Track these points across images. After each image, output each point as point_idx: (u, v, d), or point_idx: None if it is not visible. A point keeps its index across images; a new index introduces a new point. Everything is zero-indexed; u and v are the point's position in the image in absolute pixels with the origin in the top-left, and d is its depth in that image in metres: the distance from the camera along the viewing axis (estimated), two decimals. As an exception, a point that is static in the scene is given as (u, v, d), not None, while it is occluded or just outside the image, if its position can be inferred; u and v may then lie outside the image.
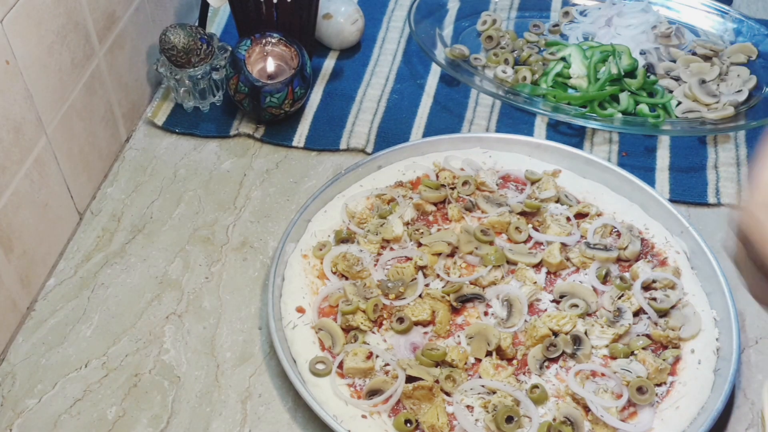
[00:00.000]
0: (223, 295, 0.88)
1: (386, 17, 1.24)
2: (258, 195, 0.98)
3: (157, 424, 0.77)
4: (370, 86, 1.13)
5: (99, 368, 0.81)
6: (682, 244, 0.89)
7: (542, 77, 1.11)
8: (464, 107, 1.10)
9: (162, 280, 0.89)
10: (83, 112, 0.93)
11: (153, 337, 0.84)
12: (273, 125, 1.06)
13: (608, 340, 0.80)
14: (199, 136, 1.05)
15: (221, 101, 1.08)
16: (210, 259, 0.91)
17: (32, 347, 0.83)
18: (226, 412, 0.78)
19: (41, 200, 0.86)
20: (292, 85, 1.01)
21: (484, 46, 1.18)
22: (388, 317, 0.83)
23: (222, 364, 0.82)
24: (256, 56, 1.02)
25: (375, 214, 0.92)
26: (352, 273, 0.86)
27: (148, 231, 0.94)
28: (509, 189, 0.96)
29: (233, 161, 1.02)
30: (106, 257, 0.91)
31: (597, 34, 1.19)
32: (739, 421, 0.78)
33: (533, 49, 1.16)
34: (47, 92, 0.85)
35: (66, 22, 0.87)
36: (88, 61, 0.93)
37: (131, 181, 1.00)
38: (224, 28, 1.22)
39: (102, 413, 0.78)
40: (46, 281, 0.89)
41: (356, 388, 0.78)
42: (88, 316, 0.86)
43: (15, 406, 0.78)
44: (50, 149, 0.87)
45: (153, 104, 1.09)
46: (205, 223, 0.95)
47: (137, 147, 1.04)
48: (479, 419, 0.75)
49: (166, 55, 1.01)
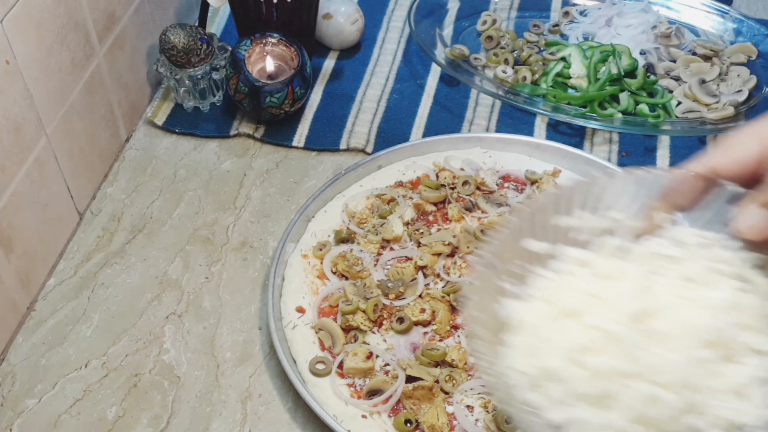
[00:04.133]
0: (223, 295, 0.88)
1: (386, 17, 1.24)
2: (258, 195, 0.98)
3: (157, 424, 0.77)
4: (370, 86, 1.13)
5: (99, 368, 0.81)
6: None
7: (542, 77, 1.11)
8: (464, 107, 1.10)
9: (162, 280, 0.89)
10: (83, 112, 0.93)
11: (153, 337, 0.84)
12: (273, 125, 1.06)
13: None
14: (199, 136, 1.05)
15: (221, 101, 1.08)
16: (210, 259, 0.91)
17: (32, 347, 0.83)
18: (226, 412, 0.78)
19: (41, 200, 0.86)
20: (292, 85, 1.01)
21: (484, 46, 1.18)
22: (388, 317, 0.83)
23: (222, 364, 0.82)
24: (256, 56, 1.02)
25: (375, 214, 0.92)
26: (352, 273, 0.86)
27: (148, 231, 0.94)
28: (509, 189, 0.96)
29: (233, 161, 1.02)
30: (106, 257, 0.91)
31: (597, 34, 1.19)
32: (739, 421, 0.78)
33: (533, 49, 1.16)
34: (47, 92, 0.85)
35: (66, 23, 0.87)
36: (88, 61, 0.93)
37: (131, 181, 1.00)
38: (224, 28, 1.22)
39: (102, 413, 0.78)
40: (46, 281, 0.89)
41: (356, 388, 0.78)
42: (88, 316, 0.86)
43: (15, 406, 0.78)
44: (50, 149, 0.87)
45: (153, 104, 1.09)
46: (205, 223, 0.95)
47: (137, 147, 1.04)
48: (479, 419, 0.75)
49: (166, 55, 1.01)
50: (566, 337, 0.48)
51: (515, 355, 0.49)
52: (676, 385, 0.46)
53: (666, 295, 0.49)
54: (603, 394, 0.46)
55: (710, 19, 1.21)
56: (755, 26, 1.17)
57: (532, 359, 0.48)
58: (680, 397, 0.45)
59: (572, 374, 0.47)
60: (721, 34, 1.19)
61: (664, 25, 1.18)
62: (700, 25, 1.21)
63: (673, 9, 1.22)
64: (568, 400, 0.47)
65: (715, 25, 1.20)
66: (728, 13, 1.20)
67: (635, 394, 0.46)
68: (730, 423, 0.46)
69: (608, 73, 1.08)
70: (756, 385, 0.46)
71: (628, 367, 0.46)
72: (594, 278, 0.51)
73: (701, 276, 0.49)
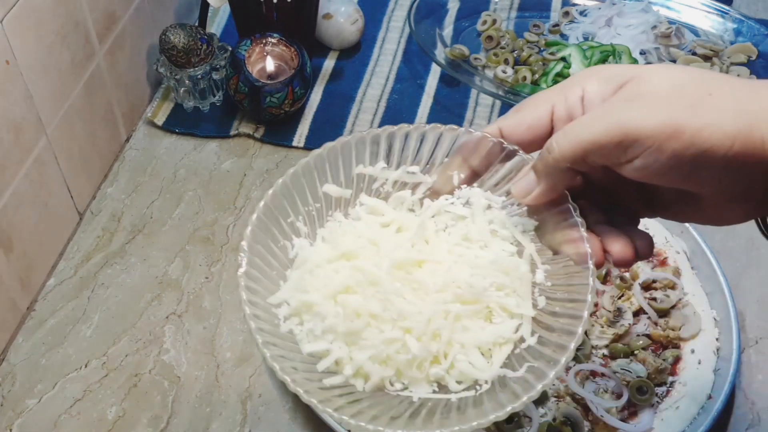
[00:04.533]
0: (223, 295, 0.88)
1: (386, 17, 1.24)
2: (258, 195, 0.98)
3: (157, 424, 0.77)
4: (370, 86, 1.13)
5: (99, 368, 0.81)
6: (682, 244, 0.89)
7: (542, 77, 1.11)
8: (464, 107, 1.10)
9: (162, 280, 0.89)
10: (83, 112, 0.93)
11: (153, 337, 0.84)
12: (273, 125, 1.06)
13: (608, 340, 0.80)
14: (199, 136, 1.05)
15: (221, 101, 1.08)
16: (210, 259, 0.91)
17: (32, 347, 0.83)
18: (226, 412, 0.78)
19: (41, 200, 0.86)
20: (292, 85, 1.01)
21: (484, 46, 1.18)
22: (387, 317, 0.83)
23: (222, 364, 0.82)
24: (256, 56, 1.02)
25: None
26: (352, 273, 0.86)
27: (148, 231, 0.94)
28: (509, 189, 0.96)
29: (233, 161, 1.02)
30: (106, 257, 0.91)
31: (597, 34, 1.19)
32: (739, 421, 0.78)
33: (533, 49, 1.16)
34: (47, 92, 0.85)
35: (66, 22, 0.87)
36: (88, 61, 0.93)
37: (131, 181, 1.00)
38: (224, 28, 1.22)
39: (102, 413, 0.78)
40: (46, 281, 0.89)
41: (356, 388, 0.78)
42: (88, 316, 0.86)
43: (15, 407, 0.78)
44: (50, 149, 0.87)
45: (153, 104, 1.09)
46: (205, 223, 0.95)
47: (137, 147, 1.04)
48: (479, 419, 0.75)
49: (166, 55, 1.01)
50: (333, 276, 0.51)
51: (286, 288, 0.52)
52: (420, 333, 0.48)
53: (438, 251, 0.52)
54: (351, 331, 0.49)
55: (710, 19, 1.21)
56: (755, 26, 1.17)
57: (299, 293, 0.51)
58: (422, 344, 0.48)
59: (329, 311, 0.49)
60: (721, 34, 1.19)
61: (664, 25, 1.18)
62: (700, 25, 1.21)
63: (673, 9, 1.22)
64: (322, 334, 0.50)
65: (715, 25, 1.20)
66: (728, 13, 1.20)
67: (380, 336, 0.49)
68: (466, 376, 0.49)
69: (608, 73, 1.07)
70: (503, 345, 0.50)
71: (378, 310, 0.49)
72: (378, 227, 0.54)
73: (479, 236, 0.52)
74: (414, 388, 0.49)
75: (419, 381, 0.49)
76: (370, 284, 0.50)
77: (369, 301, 0.49)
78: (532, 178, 0.49)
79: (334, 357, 0.49)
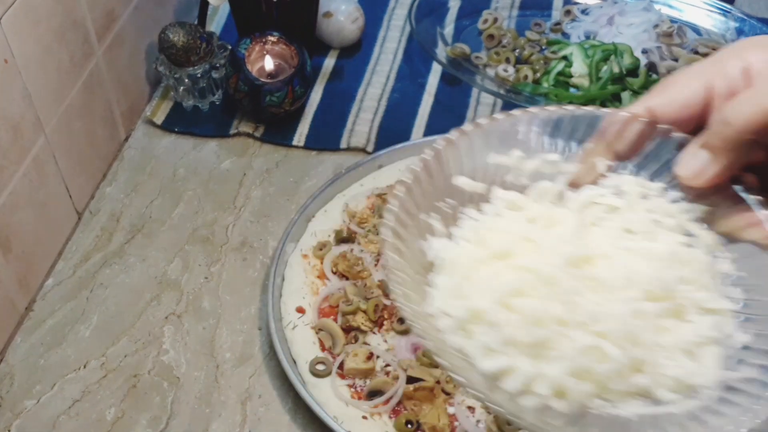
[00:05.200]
0: (222, 295, 0.87)
1: (387, 16, 1.24)
2: (258, 195, 0.98)
3: (157, 425, 0.77)
4: (370, 85, 1.12)
5: (98, 369, 0.81)
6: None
7: (544, 76, 1.10)
8: (465, 106, 1.10)
9: (161, 280, 0.89)
10: (82, 112, 0.93)
11: (152, 338, 0.83)
12: (273, 124, 1.05)
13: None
14: (199, 136, 1.05)
15: (221, 100, 1.08)
16: (210, 259, 0.91)
17: (31, 348, 0.83)
18: (225, 413, 0.78)
19: (40, 200, 0.86)
20: (292, 84, 1.00)
21: (486, 45, 1.17)
22: (388, 318, 0.83)
23: (222, 365, 0.81)
24: (255, 55, 1.02)
25: (376, 213, 0.91)
26: (353, 273, 0.86)
27: (148, 231, 0.94)
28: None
29: (233, 161, 1.02)
30: (105, 257, 0.91)
31: (599, 33, 1.18)
32: (743, 422, 0.77)
33: (535, 48, 1.16)
34: (46, 91, 0.85)
35: (64, 21, 0.86)
36: (87, 60, 0.93)
37: (130, 181, 0.99)
38: (224, 26, 1.21)
39: (101, 414, 0.77)
40: (45, 281, 0.88)
41: (357, 389, 0.77)
42: (87, 317, 0.85)
43: (13, 407, 0.78)
44: (49, 149, 0.87)
45: (152, 103, 1.08)
46: (205, 222, 0.95)
47: (136, 146, 1.04)
48: (481, 420, 0.75)
49: (165, 54, 1.01)
50: (496, 279, 0.44)
51: (441, 297, 0.44)
52: (618, 338, 0.41)
53: (604, 244, 0.45)
54: (537, 342, 0.41)
55: (712, 18, 1.20)
56: (757, 25, 1.17)
57: (460, 300, 0.43)
58: (624, 351, 0.40)
59: (502, 318, 0.42)
60: (724, 33, 1.18)
61: (666, 24, 1.17)
62: (702, 24, 1.20)
63: (675, 8, 1.22)
64: (500, 347, 0.42)
65: (717, 24, 1.20)
66: (730, 11, 1.19)
67: (574, 344, 0.41)
68: (680, 383, 0.41)
69: (610, 72, 1.07)
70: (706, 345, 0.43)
71: (564, 314, 0.41)
72: (526, 222, 0.47)
73: (642, 227, 0.46)
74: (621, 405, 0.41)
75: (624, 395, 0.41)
76: (544, 284, 0.42)
77: (549, 304, 0.42)
78: (704, 156, 0.44)
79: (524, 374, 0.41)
